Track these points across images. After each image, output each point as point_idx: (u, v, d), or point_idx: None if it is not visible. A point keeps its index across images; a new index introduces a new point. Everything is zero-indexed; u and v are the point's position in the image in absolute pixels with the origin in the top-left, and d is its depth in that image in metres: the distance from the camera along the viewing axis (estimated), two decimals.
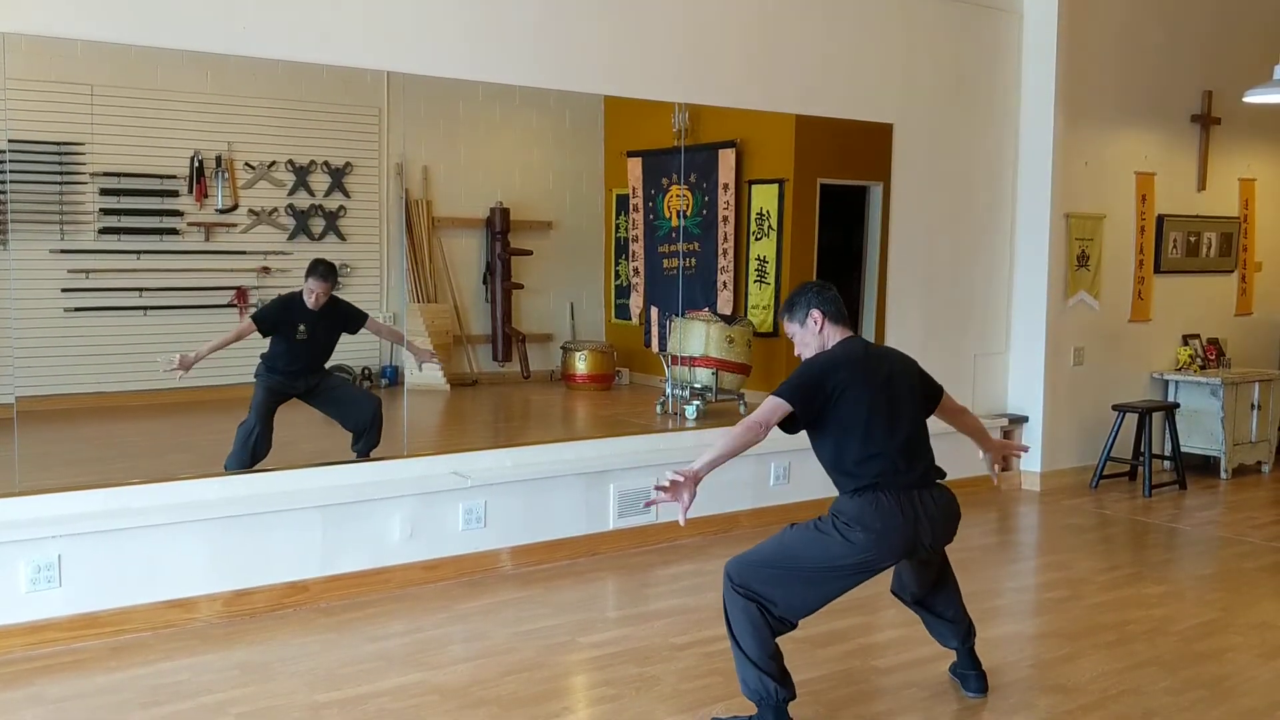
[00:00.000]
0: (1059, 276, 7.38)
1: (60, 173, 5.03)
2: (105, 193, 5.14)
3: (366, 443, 5.36)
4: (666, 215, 6.74)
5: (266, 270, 5.55)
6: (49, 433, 4.86)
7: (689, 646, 4.37)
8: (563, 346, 7.00)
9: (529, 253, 6.80)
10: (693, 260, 6.71)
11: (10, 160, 4.68)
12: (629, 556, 5.65)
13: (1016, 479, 7.41)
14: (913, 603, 3.94)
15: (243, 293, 5.48)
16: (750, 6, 6.09)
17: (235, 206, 5.48)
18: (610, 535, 5.73)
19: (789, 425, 3.52)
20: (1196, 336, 8.23)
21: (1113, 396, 7.66)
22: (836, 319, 3.69)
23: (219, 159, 5.41)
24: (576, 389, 6.99)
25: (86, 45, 4.45)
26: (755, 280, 6.69)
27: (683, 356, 6.46)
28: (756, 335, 6.58)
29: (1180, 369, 8.03)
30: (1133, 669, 4.22)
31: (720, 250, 6.69)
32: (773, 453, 6.11)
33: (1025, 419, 7.36)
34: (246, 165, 5.50)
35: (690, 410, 6.35)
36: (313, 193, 5.70)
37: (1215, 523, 6.66)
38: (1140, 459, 7.48)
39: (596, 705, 3.86)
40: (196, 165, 5.35)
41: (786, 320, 3.75)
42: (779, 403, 3.45)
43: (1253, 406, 7.88)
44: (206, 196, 5.37)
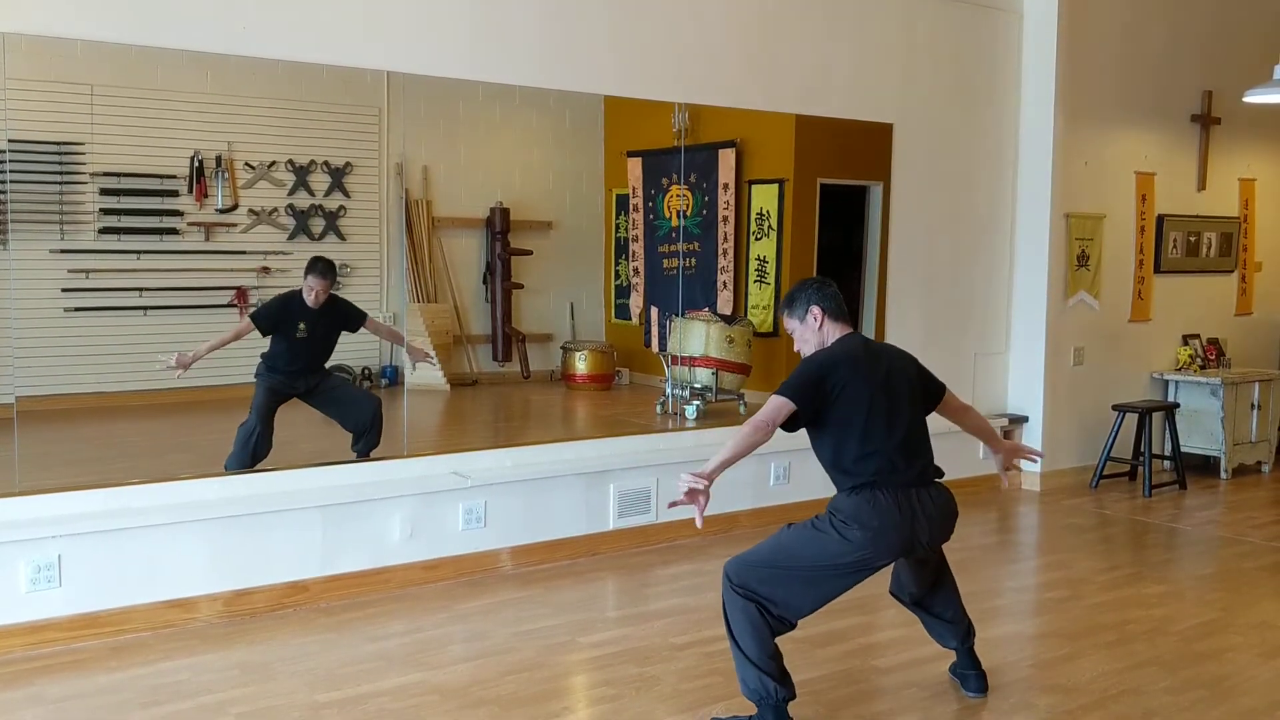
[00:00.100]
0: (1059, 276, 7.38)
1: (60, 173, 5.03)
2: (105, 193, 5.14)
3: (366, 443, 5.36)
4: (666, 215, 6.74)
5: (266, 270, 5.55)
6: (49, 433, 4.86)
7: (689, 646, 4.37)
8: (563, 346, 7.00)
9: (529, 253, 6.80)
10: (693, 260, 6.71)
11: (10, 160, 4.68)
12: (629, 556, 5.65)
13: (1016, 479, 7.41)
14: (911, 603, 3.94)
15: (243, 293, 5.47)
16: (750, 7, 6.09)
17: (235, 206, 5.48)
18: (610, 535, 5.73)
19: (789, 424, 3.52)
20: (1196, 336, 8.23)
21: (1113, 396, 7.66)
22: (836, 315, 3.69)
23: (219, 159, 5.41)
24: (576, 389, 6.99)
25: (86, 45, 4.45)
26: (755, 280, 6.69)
27: (683, 356, 6.46)
28: (756, 335, 6.58)
29: (1180, 369, 8.03)
30: (1133, 669, 4.22)
31: (720, 250, 6.69)
32: (773, 453, 6.11)
33: (1025, 419, 7.37)
34: (246, 165, 5.50)
35: (690, 410, 6.35)
36: (313, 193, 5.70)
37: (1215, 523, 6.66)
38: (1140, 459, 7.48)
39: (596, 705, 3.86)
40: (196, 165, 5.35)
41: (786, 316, 3.75)
42: (783, 401, 3.46)
43: (1253, 406, 7.88)
44: (206, 196, 5.37)
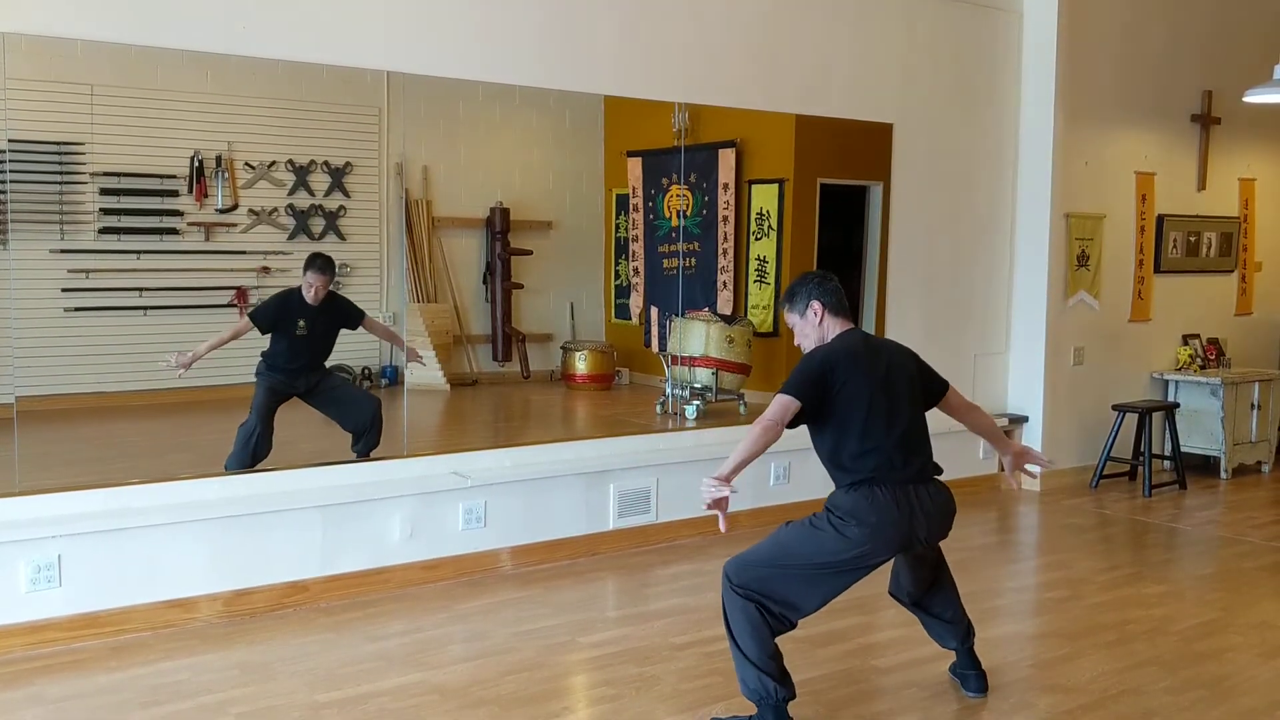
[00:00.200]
0: (1059, 276, 7.38)
1: (60, 173, 5.03)
2: (105, 193, 5.14)
3: (366, 443, 5.36)
4: (666, 215, 6.74)
5: (266, 270, 5.55)
6: (49, 433, 4.86)
7: (689, 646, 4.37)
8: (563, 346, 7.00)
9: (529, 253, 6.80)
10: (693, 260, 6.70)
11: (10, 160, 4.68)
12: (629, 556, 5.65)
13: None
14: (911, 604, 3.94)
15: (243, 293, 5.47)
16: (750, 6, 6.09)
17: (235, 206, 5.48)
18: (610, 535, 5.73)
19: (792, 421, 3.51)
20: (1196, 336, 8.23)
21: (1113, 396, 7.66)
22: (837, 311, 3.68)
23: (219, 159, 5.41)
24: (576, 389, 6.99)
25: (86, 45, 4.45)
26: (755, 280, 6.68)
27: (683, 356, 6.46)
28: (756, 335, 6.57)
29: (1180, 369, 8.03)
30: (1133, 669, 4.22)
31: (720, 250, 6.69)
32: (773, 452, 5.99)
33: (1025, 419, 7.36)
34: (246, 165, 5.50)
35: (690, 410, 6.35)
36: (313, 193, 5.70)
37: (1215, 522, 6.66)
38: (1140, 459, 7.48)
39: (596, 705, 3.86)
40: (196, 165, 5.35)
41: (786, 310, 3.75)
42: (789, 400, 3.45)
43: (1253, 406, 7.88)
44: (206, 196, 5.37)
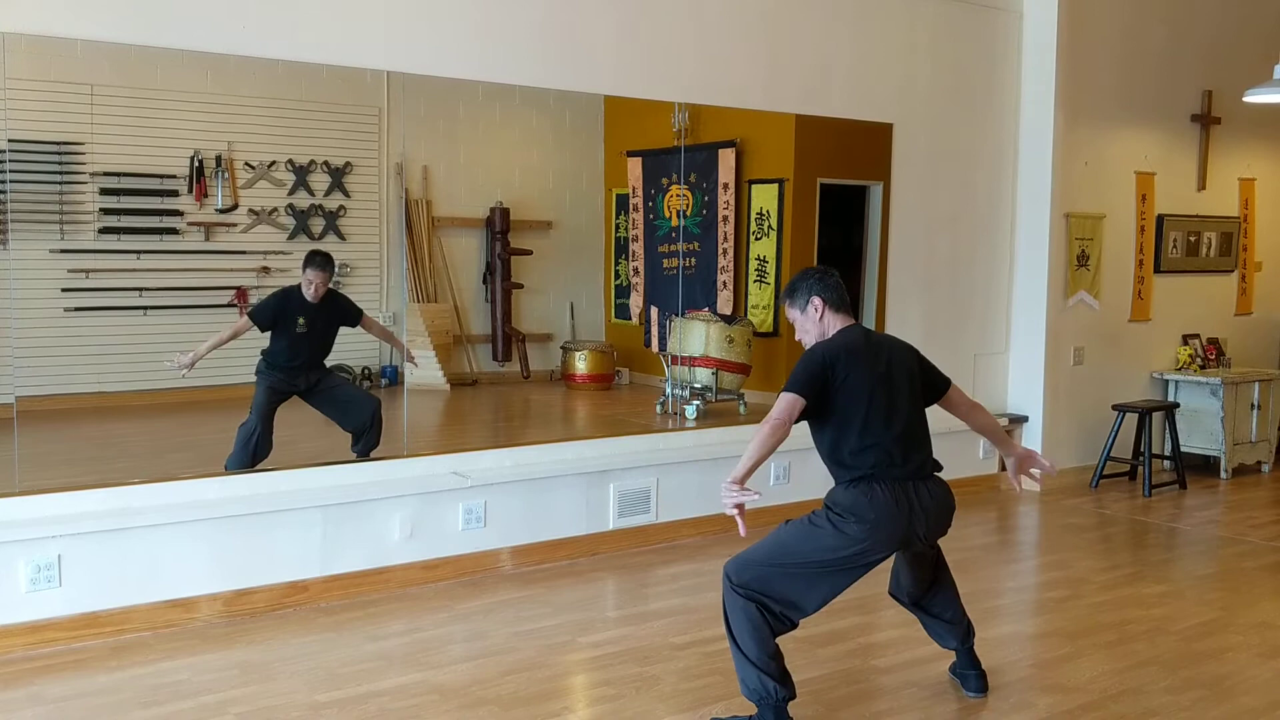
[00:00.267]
0: (1059, 276, 7.38)
1: (60, 173, 5.03)
2: (105, 192, 5.14)
3: (366, 444, 5.36)
4: (666, 215, 6.74)
5: (266, 270, 5.55)
6: (49, 433, 4.86)
7: (689, 646, 4.37)
8: (563, 346, 7.00)
9: (529, 253, 6.80)
10: (693, 260, 6.71)
11: (10, 160, 4.69)
12: (629, 556, 5.65)
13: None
14: (910, 604, 3.94)
15: (243, 292, 5.47)
16: (750, 6, 6.09)
17: (235, 206, 5.48)
18: (610, 535, 5.73)
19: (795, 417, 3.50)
20: (1196, 336, 8.23)
21: (1113, 396, 7.66)
22: (838, 306, 3.68)
23: (219, 159, 5.41)
24: (576, 389, 6.99)
25: (86, 45, 4.45)
26: (755, 280, 6.68)
27: (683, 356, 6.46)
28: (756, 335, 6.58)
29: (1180, 369, 8.03)
30: (1133, 669, 4.22)
31: (720, 250, 6.69)
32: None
33: (1025, 419, 7.36)
34: (246, 165, 5.50)
35: (690, 410, 6.35)
36: (313, 192, 5.70)
37: (1215, 522, 6.66)
38: (1140, 459, 7.48)
39: (596, 705, 3.86)
40: (196, 165, 5.35)
41: (787, 305, 3.74)
42: (794, 398, 3.44)
43: (1253, 406, 7.88)
44: (206, 196, 5.37)
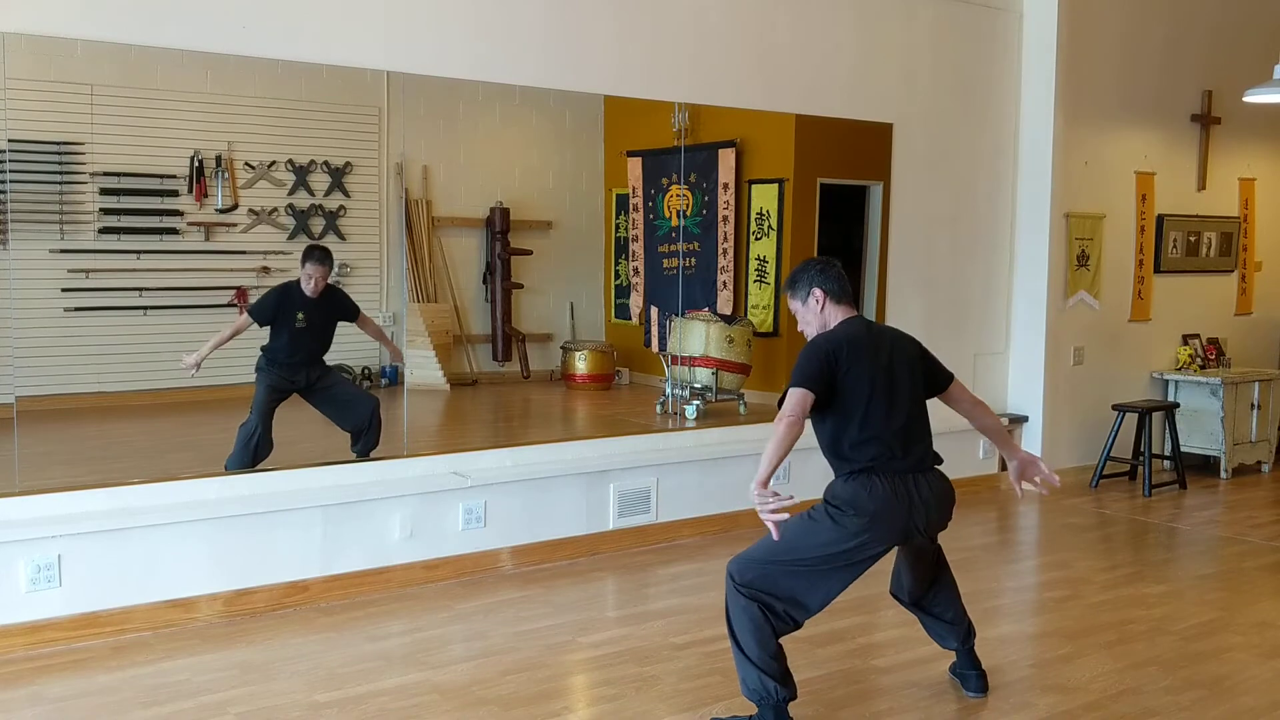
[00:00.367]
0: (1059, 276, 7.38)
1: (60, 173, 5.03)
2: (105, 192, 5.14)
3: (365, 443, 5.36)
4: (666, 215, 6.74)
5: (266, 270, 5.55)
6: (49, 433, 4.86)
7: (689, 646, 4.37)
8: (563, 346, 7.00)
9: (529, 253, 6.80)
10: (693, 260, 6.71)
11: (10, 160, 4.69)
12: (629, 556, 5.65)
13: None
14: (911, 604, 3.94)
15: (243, 292, 5.47)
16: (750, 6, 6.09)
17: (235, 206, 5.48)
18: (610, 535, 5.73)
19: None
20: (1196, 336, 8.23)
21: (1113, 396, 7.66)
22: (839, 298, 3.67)
23: (219, 159, 5.41)
24: (576, 389, 6.99)
25: (86, 45, 4.45)
26: (755, 280, 6.69)
27: (683, 356, 6.46)
28: (756, 335, 6.57)
29: (1180, 369, 8.04)
30: (1133, 669, 4.22)
31: (720, 250, 6.69)
32: None
33: (1025, 419, 7.36)
34: (246, 165, 5.50)
35: (690, 410, 6.35)
36: (313, 192, 5.70)
37: (1215, 522, 6.66)
38: (1140, 459, 7.48)
39: (596, 705, 3.86)
40: (196, 165, 5.35)
41: (789, 296, 3.73)
42: (803, 393, 3.42)
43: (1253, 406, 7.88)
44: (206, 196, 5.37)
